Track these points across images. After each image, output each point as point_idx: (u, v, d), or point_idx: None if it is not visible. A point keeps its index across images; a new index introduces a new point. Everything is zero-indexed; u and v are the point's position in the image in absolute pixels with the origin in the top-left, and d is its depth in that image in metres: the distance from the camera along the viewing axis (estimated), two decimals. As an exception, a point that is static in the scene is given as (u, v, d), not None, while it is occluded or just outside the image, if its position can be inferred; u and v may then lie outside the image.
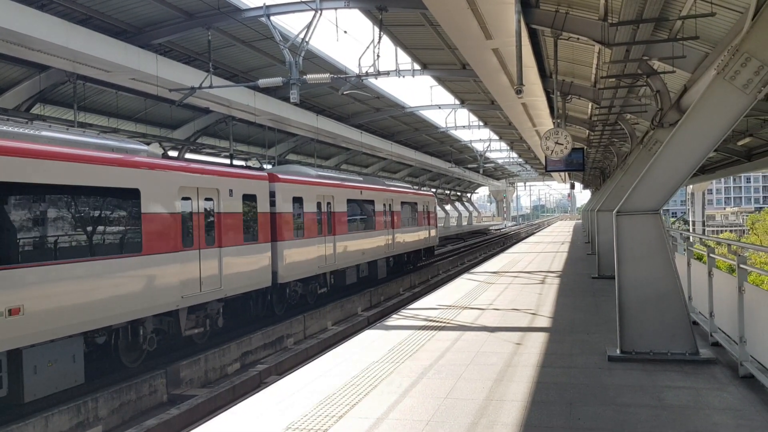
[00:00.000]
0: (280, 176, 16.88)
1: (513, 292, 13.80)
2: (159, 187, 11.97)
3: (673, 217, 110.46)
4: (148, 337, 11.72)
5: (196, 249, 12.94)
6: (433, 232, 32.38)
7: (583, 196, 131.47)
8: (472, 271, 19.53)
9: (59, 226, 9.94)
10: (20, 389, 8.89)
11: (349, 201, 21.01)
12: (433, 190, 54.12)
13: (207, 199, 13.54)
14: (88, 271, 10.19)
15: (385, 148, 36.14)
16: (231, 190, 14.35)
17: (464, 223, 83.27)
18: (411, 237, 28.18)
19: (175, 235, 12.28)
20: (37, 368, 9.16)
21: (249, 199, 15.15)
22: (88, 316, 10.07)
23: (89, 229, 10.49)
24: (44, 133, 10.10)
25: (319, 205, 18.81)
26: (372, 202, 23.33)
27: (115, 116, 21.69)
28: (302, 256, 17.57)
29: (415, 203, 29.10)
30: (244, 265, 14.68)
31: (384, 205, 24.59)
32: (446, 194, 73.81)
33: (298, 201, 17.52)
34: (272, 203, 16.31)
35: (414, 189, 30.65)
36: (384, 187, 25.24)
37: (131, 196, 11.28)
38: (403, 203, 27.11)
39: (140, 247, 11.36)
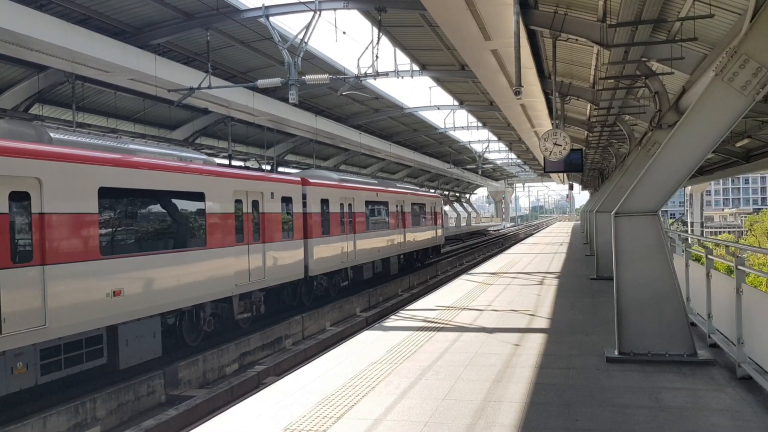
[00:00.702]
0: (310, 181, 18.71)
1: (511, 293, 13.81)
2: (218, 191, 13.97)
3: (671, 218, 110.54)
4: (207, 320, 13.60)
5: (246, 244, 14.83)
6: (440, 232, 34.18)
7: (581, 197, 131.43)
8: (471, 272, 19.54)
9: (147, 223, 11.95)
10: (117, 359, 10.79)
11: (366, 202, 22.86)
12: (432, 191, 54.45)
13: (254, 201, 15.39)
14: (167, 262, 12.07)
15: (383, 148, 36.15)
16: (272, 193, 16.27)
17: (463, 223, 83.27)
18: (420, 236, 29.82)
19: (230, 231, 14.22)
20: (128, 342, 11.00)
21: (286, 201, 17.03)
22: (166, 300, 11.93)
23: (168, 226, 12.51)
24: (130, 146, 12.03)
25: (341, 206, 20.63)
26: (386, 203, 25.10)
27: (113, 116, 21.68)
28: (328, 252, 19.47)
29: (424, 204, 30.77)
30: (282, 259, 16.58)
31: (396, 206, 26.34)
32: (445, 195, 73.82)
33: (324, 203, 19.37)
34: (304, 204, 18.12)
35: (423, 191, 32.95)
36: (396, 190, 27.06)
37: (198, 198, 13.27)
38: (413, 204, 28.80)
39: (204, 242, 13.28)
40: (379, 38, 17.56)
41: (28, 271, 9.10)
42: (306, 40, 17.13)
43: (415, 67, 22.28)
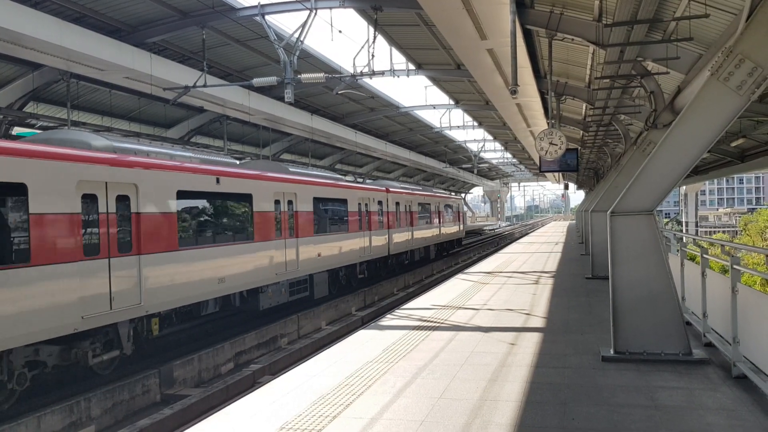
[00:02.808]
0: (390, 189, 26.58)
1: (507, 293, 13.82)
2: (374, 198, 23.70)
3: (666, 217, 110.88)
4: (342, 277, 21.19)
5: (366, 231, 23.03)
6: (462, 227, 42.50)
7: (577, 196, 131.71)
8: (467, 271, 19.55)
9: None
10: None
11: (418, 204, 30.76)
12: (453, 194, 55.83)
13: (366, 204, 23.13)
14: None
15: (379, 148, 36.14)
16: (377, 200, 24.58)
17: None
18: (449, 230, 37.80)
19: (357, 223, 22.10)
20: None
21: (380, 203, 24.90)
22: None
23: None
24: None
25: (406, 207, 28.50)
26: (429, 204, 32.82)
27: (108, 115, 21.61)
28: (399, 239, 27.33)
29: (451, 205, 38.75)
30: (376, 242, 24.24)
31: (435, 207, 34.02)
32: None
33: (397, 204, 27.19)
34: (387, 206, 25.98)
35: (449, 194, 41.59)
36: (435, 194, 35.03)
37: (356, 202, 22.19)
38: (445, 205, 36.54)
39: (348, 228, 21.35)
40: (375, 37, 17.54)
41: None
42: (302, 38, 17.08)
43: (411, 67, 22.25)
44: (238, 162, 16.83)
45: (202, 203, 13.69)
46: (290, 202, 17.18)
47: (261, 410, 6.15)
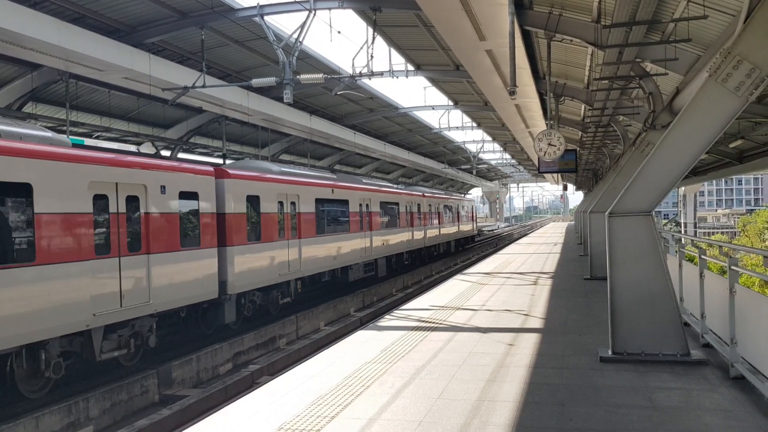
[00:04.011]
0: (425, 194, 32.66)
1: (505, 293, 13.83)
2: (412, 202, 29.09)
3: (665, 218, 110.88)
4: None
5: (408, 227, 28.95)
6: (475, 225, 49.68)
7: (575, 197, 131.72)
8: (465, 272, 19.55)
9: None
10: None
11: (444, 206, 37.00)
12: (464, 195, 58.37)
13: (409, 206, 28.63)
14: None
15: (378, 148, 36.13)
16: (413, 202, 29.31)
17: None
18: (466, 227, 44.29)
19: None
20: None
21: (418, 206, 30.39)
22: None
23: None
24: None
25: (436, 208, 34.96)
26: (452, 206, 39.21)
27: (107, 115, 21.59)
28: (431, 234, 33.51)
29: (466, 206, 45.09)
30: (416, 236, 30.47)
31: (455, 208, 40.46)
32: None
33: (429, 206, 33.19)
34: (423, 208, 31.99)
35: (463, 197, 47.62)
36: (452, 197, 40.89)
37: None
38: (463, 207, 43.17)
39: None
40: (374, 38, 17.55)
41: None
42: (301, 39, 17.08)
43: (410, 67, 22.25)
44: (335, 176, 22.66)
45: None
46: (366, 205, 23.97)
47: (260, 410, 6.16)
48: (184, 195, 12.91)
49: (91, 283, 10.19)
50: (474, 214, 48.38)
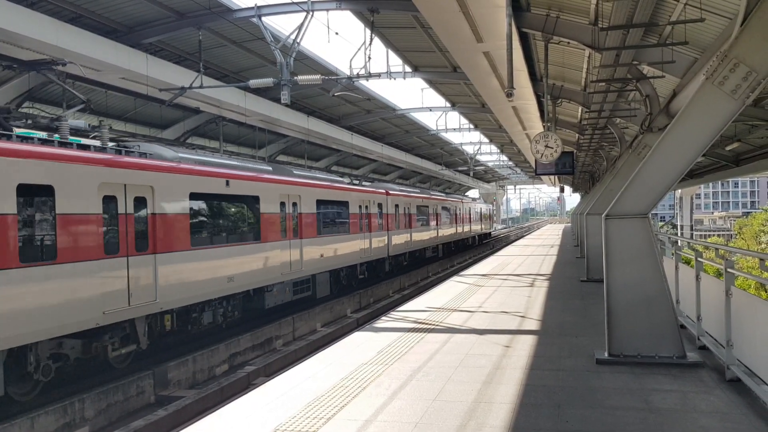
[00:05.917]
0: (463, 200, 41.07)
1: (502, 295, 13.83)
2: (442, 207, 36.08)
3: (661, 221, 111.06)
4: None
5: (435, 226, 34.05)
6: (491, 223, 58.54)
7: (572, 199, 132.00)
8: (462, 273, 19.56)
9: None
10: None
11: (475, 211, 46.20)
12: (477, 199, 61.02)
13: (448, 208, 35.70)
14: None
15: (375, 150, 36.12)
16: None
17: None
18: (486, 225, 53.79)
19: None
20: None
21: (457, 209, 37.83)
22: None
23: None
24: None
25: (468, 211, 43.19)
26: (470, 209, 45.77)
27: (104, 115, 21.53)
28: (448, 231, 38.10)
29: (481, 209, 51.89)
30: (445, 232, 36.67)
31: (479, 211, 49.63)
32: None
33: (449, 210, 38.43)
34: (446, 210, 36.40)
35: (482, 202, 55.85)
36: (480, 203, 50.84)
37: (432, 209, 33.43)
38: (485, 209, 52.86)
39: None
40: (371, 39, 17.55)
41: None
42: (298, 40, 17.08)
43: (408, 69, 22.26)
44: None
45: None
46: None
47: (256, 411, 6.15)
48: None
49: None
50: (492, 216, 56.75)
